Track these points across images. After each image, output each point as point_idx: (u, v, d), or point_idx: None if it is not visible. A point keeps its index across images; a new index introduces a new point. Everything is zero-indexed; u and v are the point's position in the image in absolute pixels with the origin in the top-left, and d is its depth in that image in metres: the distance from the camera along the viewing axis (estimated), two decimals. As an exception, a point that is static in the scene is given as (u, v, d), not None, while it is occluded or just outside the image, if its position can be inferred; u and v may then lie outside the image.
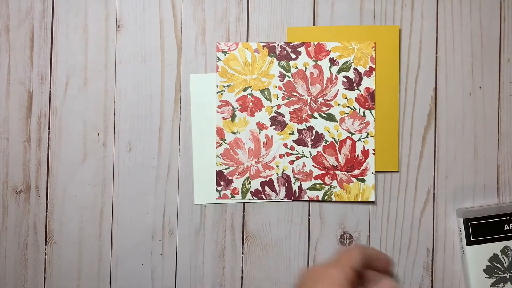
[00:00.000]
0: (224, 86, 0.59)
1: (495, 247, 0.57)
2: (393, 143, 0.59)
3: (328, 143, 0.59)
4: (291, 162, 0.59)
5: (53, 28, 0.60)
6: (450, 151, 0.60)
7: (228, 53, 0.59)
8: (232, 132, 0.59)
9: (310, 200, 0.59)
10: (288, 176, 0.59)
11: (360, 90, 0.59)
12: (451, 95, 0.60)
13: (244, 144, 0.59)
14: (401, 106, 0.60)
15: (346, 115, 0.59)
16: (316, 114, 0.59)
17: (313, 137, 0.59)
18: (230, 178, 0.59)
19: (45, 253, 0.60)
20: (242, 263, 0.59)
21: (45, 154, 0.59)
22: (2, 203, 0.59)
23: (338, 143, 0.59)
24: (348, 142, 0.59)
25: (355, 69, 0.59)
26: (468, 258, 0.57)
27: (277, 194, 0.59)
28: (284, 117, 0.59)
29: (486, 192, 0.59)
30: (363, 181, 0.59)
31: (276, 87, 0.59)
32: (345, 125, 0.59)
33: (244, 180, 0.59)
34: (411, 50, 0.60)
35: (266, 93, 0.59)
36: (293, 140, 0.59)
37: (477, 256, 0.57)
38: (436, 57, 0.60)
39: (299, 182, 0.59)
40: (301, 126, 0.59)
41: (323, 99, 0.59)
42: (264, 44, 0.59)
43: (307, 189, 0.59)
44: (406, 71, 0.60)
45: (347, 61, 0.59)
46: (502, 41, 0.60)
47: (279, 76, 0.59)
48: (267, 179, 0.59)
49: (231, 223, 0.59)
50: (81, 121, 0.60)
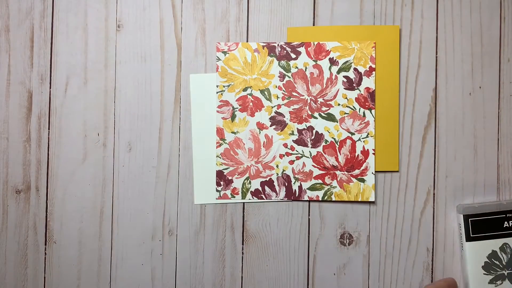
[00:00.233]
0: (224, 86, 0.59)
1: (494, 244, 0.57)
2: (393, 143, 0.59)
3: (328, 143, 0.59)
4: (291, 162, 0.59)
5: (53, 28, 0.60)
6: (450, 151, 0.60)
7: (228, 53, 0.59)
8: (232, 132, 0.59)
9: (310, 200, 0.59)
10: (288, 176, 0.59)
11: (360, 90, 0.59)
12: (451, 95, 0.60)
13: (244, 144, 0.59)
14: (401, 106, 0.60)
15: (346, 115, 0.59)
16: (316, 114, 0.59)
17: (313, 137, 0.59)
18: (230, 178, 0.59)
19: (45, 253, 0.60)
20: (242, 263, 0.59)
21: (45, 154, 0.59)
22: (2, 203, 0.59)
23: (338, 143, 0.59)
24: (348, 142, 0.59)
25: (355, 69, 0.59)
26: (467, 255, 0.57)
27: (277, 194, 0.59)
28: (284, 117, 0.59)
29: (486, 192, 0.59)
30: (363, 181, 0.59)
31: (276, 87, 0.59)
32: (345, 125, 0.59)
33: (244, 180, 0.59)
34: (411, 50, 0.60)
35: (266, 93, 0.59)
36: (293, 140, 0.59)
37: (476, 253, 0.56)
38: (436, 57, 0.60)
39: (299, 182, 0.59)
40: (301, 126, 0.59)
41: (323, 99, 0.59)
42: (264, 44, 0.59)
43: (307, 189, 0.59)
44: (406, 71, 0.60)
45: (347, 61, 0.59)
46: (502, 41, 0.60)
47: (279, 76, 0.59)
48: (267, 179, 0.59)
49: (231, 223, 0.59)
50: (81, 121, 0.60)
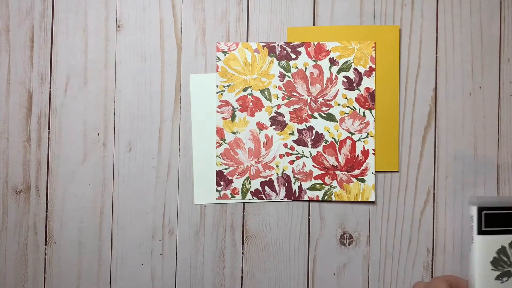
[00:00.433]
0: (224, 86, 0.59)
1: (504, 240, 0.55)
2: (393, 143, 0.59)
3: (328, 143, 0.59)
4: (291, 162, 0.59)
5: (53, 28, 0.60)
6: (450, 151, 0.60)
7: (228, 53, 0.59)
8: (232, 132, 0.59)
9: (310, 200, 0.59)
10: (288, 176, 0.59)
11: (360, 90, 0.59)
12: (451, 95, 0.60)
13: (244, 144, 0.59)
14: (401, 106, 0.60)
15: (346, 115, 0.59)
16: (316, 114, 0.59)
17: (313, 137, 0.59)
18: (230, 178, 0.59)
19: (45, 253, 0.60)
20: (242, 263, 0.59)
21: (45, 154, 0.59)
22: (2, 203, 0.59)
23: (338, 143, 0.59)
24: (348, 142, 0.59)
25: (355, 69, 0.59)
26: (477, 248, 0.54)
27: (277, 194, 0.59)
28: (284, 117, 0.59)
29: (486, 192, 0.59)
30: (363, 181, 0.59)
31: (276, 87, 0.59)
32: (345, 125, 0.59)
33: (244, 180, 0.59)
34: (411, 50, 0.60)
35: (266, 93, 0.59)
36: (293, 140, 0.59)
37: (486, 247, 0.54)
38: (436, 57, 0.60)
39: (299, 182, 0.59)
40: (301, 126, 0.59)
41: (323, 99, 0.59)
42: (264, 44, 0.59)
43: (307, 189, 0.59)
44: (406, 71, 0.60)
45: (347, 61, 0.59)
46: (502, 41, 0.60)
47: (279, 76, 0.59)
48: (267, 179, 0.59)
49: (231, 223, 0.59)
50: (81, 121, 0.60)
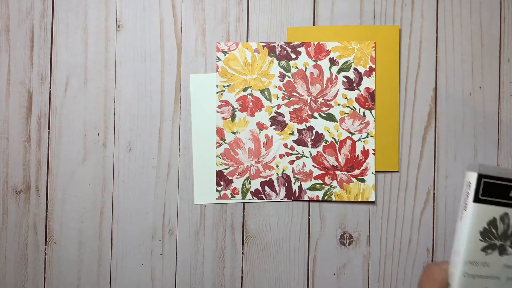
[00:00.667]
0: (224, 86, 0.59)
1: (497, 211, 0.52)
2: (393, 143, 0.59)
3: (328, 143, 0.59)
4: (291, 162, 0.59)
5: (53, 28, 0.60)
6: (450, 151, 0.60)
7: (228, 53, 0.59)
8: (232, 132, 0.59)
9: (310, 200, 0.59)
10: (288, 176, 0.59)
11: (360, 90, 0.59)
12: (451, 95, 0.60)
13: (244, 144, 0.59)
14: (401, 106, 0.60)
15: (346, 115, 0.59)
16: (316, 114, 0.59)
17: (313, 137, 0.59)
18: (230, 178, 0.59)
19: (45, 253, 0.60)
20: (242, 263, 0.59)
21: (45, 154, 0.59)
22: (2, 203, 0.59)
23: (338, 143, 0.59)
24: (348, 142, 0.59)
25: (355, 69, 0.59)
26: (470, 216, 0.52)
27: (277, 194, 0.59)
28: (284, 117, 0.59)
29: (486, 192, 0.59)
30: (363, 181, 0.59)
31: (276, 87, 0.59)
32: (345, 125, 0.59)
33: (244, 180, 0.59)
34: (411, 50, 0.60)
35: (266, 93, 0.59)
36: (293, 140, 0.59)
37: (479, 216, 0.52)
38: (436, 57, 0.60)
39: (299, 182, 0.59)
40: (301, 126, 0.59)
41: (323, 99, 0.59)
42: (264, 44, 0.59)
43: (307, 189, 0.59)
44: (406, 71, 0.60)
45: (347, 61, 0.59)
46: (502, 41, 0.60)
47: (279, 76, 0.59)
48: (267, 179, 0.59)
49: (231, 223, 0.59)
50: (81, 121, 0.60)
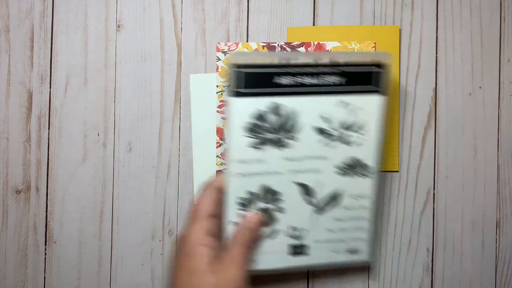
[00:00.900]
0: (224, 86, 0.59)
1: (263, 103, 0.49)
2: (393, 143, 0.59)
3: (328, 143, 0.59)
4: (291, 162, 0.59)
5: (53, 28, 0.60)
6: (450, 151, 0.60)
7: (228, 53, 0.59)
8: (232, 132, 0.59)
9: (310, 200, 0.59)
10: (288, 176, 0.59)
11: (360, 90, 0.59)
12: (451, 95, 0.60)
13: (244, 144, 0.59)
14: (401, 106, 0.60)
15: (346, 115, 0.59)
16: (316, 114, 0.59)
17: (313, 137, 0.59)
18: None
19: (45, 253, 0.60)
20: (242, 263, 0.59)
21: (45, 154, 0.59)
22: (2, 203, 0.59)
23: (338, 143, 0.59)
24: (348, 142, 0.59)
25: (355, 69, 0.59)
26: (232, 113, 0.48)
27: (277, 194, 0.59)
28: (284, 117, 0.59)
29: (486, 192, 0.59)
30: (363, 181, 0.59)
31: (276, 87, 0.59)
32: (345, 125, 0.59)
33: (244, 180, 0.59)
34: (411, 50, 0.60)
35: (266, 93, 0.59)
36: (293, 140, 0.59)
37: (242, 112, 0.49)
38: (436, 57, 0.60)
39: (299, 182, 0.59)
40: (301, 126, 0.59)
41: (323, 99, 0.59)
42: (264, 44, 0.59)
43: (307, 189, 0.59)
44: (406, 71, 0.60)
45: (347, 61, 0.59)
46: (502, 41, 0.60)
47: (279, 76, 0.59)
48: (267, 179, 0.59)
49: (231, 223, 0.59)
50: (81, 121, 0.60)
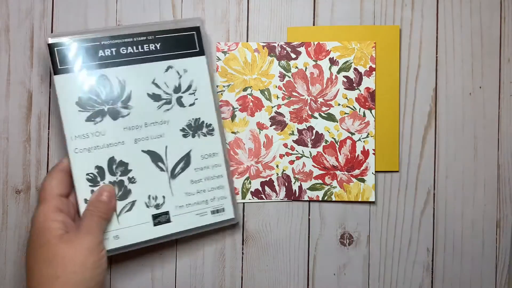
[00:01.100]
0: (224, 86, 0.59)
1: (90, 76, 0.51)
2: (393, 143, 0.59)
3: (328, 143, 0.59)
4: (291, 162, 0.59)
5: (53, 28, 0.60)
6: (450, 151, 0.60)
7: (228, 53, 0.59)
8: (232, 132, 0.59)
9: (310, 200, 0.59)
10: (288, 176, 0.59)
11: (360, 90, 0.59)
12: (451, 95, 0.60)
13: (244, 144, 0.59)
14: (401, 106, 0.60)
15: (346, 115, 0.59)
16: (316, 114, 0.59)
17: (313, 137, 0.59)
18: (230, 172, 0.59)
19: (45, 253, 0.60)
20: (242, 263, 0.59)
21: (45, 154, 0.59)
22: (2, 203, 0.59)
23: (338, 143, 0.59)
24: (348, 142, 0.59)
25: (355, 69, 0.59)
26: (58, 91, 0.50)
27: (277, 194, 0.59)
28: (284, 117, 0.59)
29: (486, 192, 0.59)
30: (363, 181, 0.59)
31: (276, 87, 0.59)
32: (345, 125, 0.59)
33: (244, 180, 0.59)
34: (411, 50, 0.60)
35: (266, 93, 0.59)
36: (293, 140, 0.59)
37: (67, 87, 0.50)
38: (436, 57, 0.60)
39: (299, 182, 0.59)
40: (301, 126, 0.59)
41: (323, 99, 0.59)
42: (264, 44, 0.59)
43: (307, 189, 0.59)
44: (406, 71, 0.60)
45: (347, 61, 0.59)
46: (502, 41, 0.60)
47: (279, 76, 0.59)
48: (267, 179, 0.59)
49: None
50: (81, 121, 0.60)
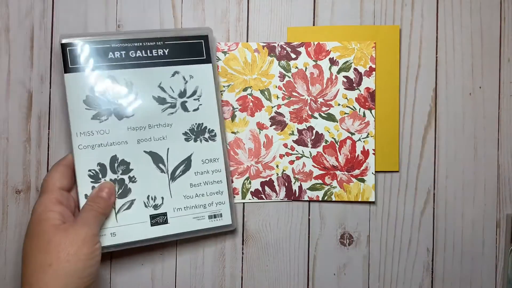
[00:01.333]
0: (224, 86, 0.59)
1: (99, 76, 0.53)
2: (393, 143, 0.59)
3: (328, 143, 0.59)
4: (291, 162, 0.59)
5: (53, 28, 0.60)
6: (450, 151, 0.60)
7: (228, 53, 0.59)
8: (232, 132, 0.59)
9: (310, 200, 0.59)
10: (288, 176, 0.59)
11: (360, 90, 0.59)
12: (451, 95, 0.60)
13: (244, 144, 0.59)
14: (401, 106, 0.60)
15: (346, 115, 0.59)
16: (316, 114, 0.59)
17: (313, 137, 0.59)
18: (230, 178, 0.59)
19: (45, 253, 0.60)
20: (242, 263, 0.59)
21: (45, 154, 0.59)
22: (2, 203, 0.59)
23: (338, 143, 0.59)
24: (348, 142, 0.59)
25: (355, 69, 0.59)
26: (67, 88, 0.53)
27: (277, 194, 0.59)
28: (284, 117, 0.59)
29: (486, 192, 0.59)
30: (363, 181, 0.59)
31: (276, 87, 0.59)
32: (345, 125, 0.59)
33: (244, 180, 0.59)
34: (411, 50, 0.60)
35: (266, 93, 0.59)
36: (293, 140, 0.59)
37: (78, 85, 0.53)
38: (436, 57, 0.60)
39: (299, 182, 0.59)
40: (301, 126, 0.59)
41: (323, 99, 0.59)
42: (264, 44, 0.59)
43: (307, 189, 0.59)
44: (406, 71, 0.60)
45: (347, 61, 0.59)
46: (502, 41, 0.60)
47: (279, 76, 0.59)
48: (267, 179, 0.59)
49: (231, 223, 0.59)
50: (81, 121, 0.60)
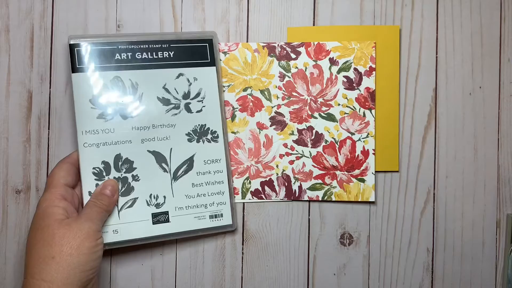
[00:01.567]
0: (224, 86, 0.59)
1: (106, 77, 0.55)
2: (393, 143, 0.59)
3: (328, 143, 0.59)
4: (291, 162, 0.59)
5: (53, 28, 0.60)
6: (450, 151, 0.60)
7: (228, 53, 0.59)
8: (232, 132, 0.59)
9: (310, 200, 0.59)
10: (288, 176, 0.59)
11: (360, 90, 0.59)
12: (451, 95, 0.60)
13: (244, 144, 0.59)
14: (401, 106, 0.60)
15: (346, 115, 0.59)
16: (316, 114, 0.59)
17: (313, 137, 0.59)
18: (232, 179, 0.59)
19: (45, 253, 0.60)
20: (242, 263, 0.59)
21: (45, 154, 0.59)
22: (2, 203, 0.59)
23: (338, 143, 0.59)
24: (348, 142, 0.59)
25: (355, 69, 0.59)
26: (74, 87, 0.54)
27: (277, 194, 0.59)
28: (284, 117, 0.59)
29: (486, 192, 0.59)
30: (363, 181, 0.59)
31: (276, 87, 0.59)
32: (345, 125, 0.59)
33: (244, 180, 0.59)
34: (411, 50, 0.60)
35: (266, 93, 0.59)
36: (293, 140, 0.59)
37: (85, 85, 0.54)
38: (436, 57, 0.60)
39: (299, 182, 0.59)
40: (301, 126, 0.59)
41: (323, 99, 0.59)
42: (264, 44, 0.59)
43: (307, 189, 0.59)
44: (406, 71, 0.60)
45: (347, 61, 0.59)
46: (502, 41, 0.60)
47: (279, 76, 0.59)
48: (267, 179, 0.59)
49: (231, 223, 0.59)
50: (81, 121, 0.60)
